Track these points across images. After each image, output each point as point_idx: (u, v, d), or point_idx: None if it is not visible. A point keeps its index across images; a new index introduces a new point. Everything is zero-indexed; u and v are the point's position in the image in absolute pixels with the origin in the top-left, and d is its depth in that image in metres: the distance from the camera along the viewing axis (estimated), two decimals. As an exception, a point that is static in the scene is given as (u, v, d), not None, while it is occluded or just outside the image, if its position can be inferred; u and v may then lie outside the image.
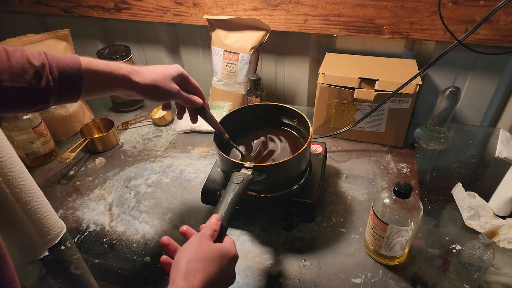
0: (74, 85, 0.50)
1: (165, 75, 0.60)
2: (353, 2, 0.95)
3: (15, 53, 0.45)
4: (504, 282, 0.66)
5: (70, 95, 0.51)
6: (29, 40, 0.97)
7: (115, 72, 0.55)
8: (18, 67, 0.45)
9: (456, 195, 0.81)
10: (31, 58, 0.46)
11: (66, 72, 0.49)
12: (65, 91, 0.49)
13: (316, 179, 0.77)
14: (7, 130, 0.92)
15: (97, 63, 0.53)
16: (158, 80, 0.59)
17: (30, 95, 0.47)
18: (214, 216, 0.54)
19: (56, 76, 0.48)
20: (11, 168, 0.65)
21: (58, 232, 0.77)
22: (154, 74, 0.59)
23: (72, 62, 0.50)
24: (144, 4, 1.14)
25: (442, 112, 0.93)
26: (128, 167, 0.98)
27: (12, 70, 0.44)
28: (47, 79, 0.47)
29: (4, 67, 0.44)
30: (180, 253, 0.48)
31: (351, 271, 0.68)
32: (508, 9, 0.85)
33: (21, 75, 0.45)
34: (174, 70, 0.62)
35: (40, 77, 0.46)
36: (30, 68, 0.45)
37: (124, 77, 0.56)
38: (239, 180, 0.62)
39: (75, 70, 0.49)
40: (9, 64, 0.44)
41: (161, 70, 0.61)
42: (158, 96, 0.61)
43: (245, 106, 0.83)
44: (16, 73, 0.44)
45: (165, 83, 0.60)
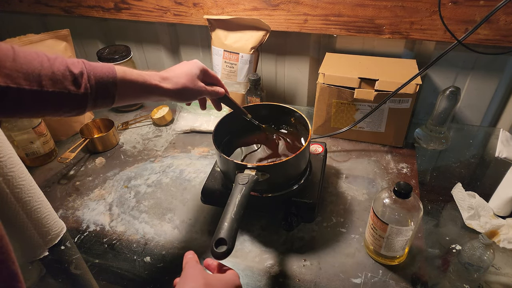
0: (109, 92, 0.53)
1: (192, 75, 0.64)
2: (353, 2, 0.95)
3: (56, 60, 0.48)
4: (504, 282, 0.66)
5: (105, 102, 0.54)
6: (29, 40, 0.97)
7: (147, 81, 0.58)
8: (59, 74, 0.47)
9: (456, 195, 0.81)
10: (71, 66, 0.49)
11: (102, 80, 0.51)
12: (100, 98, 0.52)
13: (316, 179, 0.77)
14: (7, 130, 0.92)
15: (131, 73, 0.56)
16: (187, 83, 0.63)
17: (69, 101, 0.49)
18: (189, 252, 0.56)
19: (93, 83, 0.50)
20: (11, 168, 0.65)
21: (58, 232, 0.77)
22: (182, 77, 0.62)
23: (108, 71, 0.52)
24: (144, 4, 1.14)
25: (442, 112, 0.93)
26: (128, 167, 0.98)
27: (53, 77, 0.47)
28: (85, 86, 0.49)
29: (47, 73, 0.46)
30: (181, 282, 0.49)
31: (351, 271, 0.68)
32: (508, 9, 0.85)
33: (61, 81, 0.47)
34: (197, 68, 0.65)
35: (79, 84, 0.49)
36: (70, 75, 0.48)
37: (156, 86, 0.59)
38: (245, 181, 0.62)
39: (110, 79, 0.52)
40: (51, 70, 0.47)
41: (186, 71, 0.63)
42: (189, 98, 0.65)
43: (245, 106, 0.83)
44: (57, 79, 0.47)
45: (193, 83, 0.64)
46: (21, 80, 0.44)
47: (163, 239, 0.77)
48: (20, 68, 0.44)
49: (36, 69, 0.45)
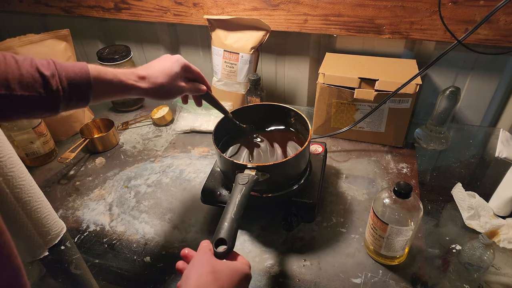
0: (82, 93, 0.52)
1: (171, 74, 0.61)
2: (353, 2, 0.95)
3: (24, 62, 0.46)
4: (504, 282, 0.66)
5: (79, 103, 0.52)
6: (29, 40, 0.97)
7: (123, 81, 0.57)
8: (28, 77, 0.46)
9: (456, 195, 0.81)
10: (41, 68, 0.47)
11: (75, 81, 0.50)
12: (74, 99, 0.51)
13: (316, 179, 0.77)
14: (7, 130, 0.92)
15: (105, 73, 0.54)
16: (165, 82, 0.61)
17: (40, 103, 0.48)
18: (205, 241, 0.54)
19: (65, 85, 0.49)
20: (11, 168, 0.65)
21: (58, 232, 0.77)
22: (160, 75, 0.60)
23: (81, 71, 0.51)
24: (144, 4, 1.14)
25: (442, 112, 0.93)
26: (128, 167, 0.98)
27: (22, 80, 0.45)
28: (57, 88, 0.48)
29: (14, 76, 0.45)
30: (188, 269, 0.48)
31: (351, 271, 0.68)
32: (508, 9, 0.84)
33: (31, 84, 0.46)
34: (178, 65, 0.63)
35: (50, 86, 0.47)
36: (40, 77, 0.47)
37: (132, 86, 0.58)
38: (245, 181, 0.62)
39: (83, 80, 0.51)
40: (19, 73, 0.45)
41: (165, 69, 0.61)
42: (167, 96, 0.63)
43: (245, 106, 0.83)
44: (26, 83, 0.45)
45: (171, 83, 0.62)
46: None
47: (163, 239, 0.77)
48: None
49: (3, 72, 0.44)
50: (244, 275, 0.49)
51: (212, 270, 0.46)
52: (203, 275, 0.45)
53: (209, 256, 0.49)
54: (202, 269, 0.46)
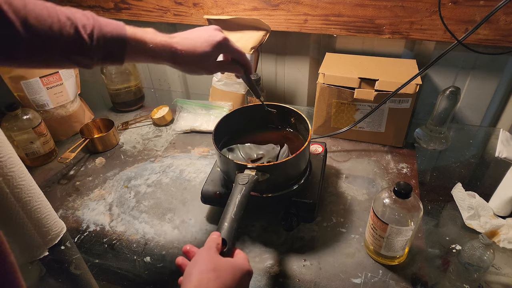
0: (117, 51, 0.53)
1: (211, 43, 0.60)
2: (353, 2, 0.95)
3: (65, 10, 0.49)
4: (504, 282, 0.66)
5: (113, 60, 0.54)
6: (29, 40, 0.97)
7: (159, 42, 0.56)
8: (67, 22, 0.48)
9: (456, 195, 0.81)
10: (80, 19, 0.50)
11: (112, 39, 0.52)
12: (108, 55, 0.53)
13: (316, 179, 0.77)
14: (7, 130, 0.92)
15: (142, 34, 0.55)
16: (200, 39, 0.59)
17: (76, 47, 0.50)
18: (215, 233, 0.54)
19: (102, 43, 0.51)
20: (11, 168, 0.65)
21: (58, 232, 0.77)
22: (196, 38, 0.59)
23: (117, 29, 0.53)
24: (144, 4, 1.14)
25: (442, 112, 0.93)
26: (128, 167, 0.98)
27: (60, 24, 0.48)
28: (92, 42, 0.50)
29: (55, 21, 0.47)
30: (190, 266, 0.48)
31: (351, 271, 0.68)
32: (508, 9, 0.85)
33: (70, 27, 0.48)
34: (220, 36, 0.62)
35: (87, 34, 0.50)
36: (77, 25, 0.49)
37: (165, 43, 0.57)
38: (245, 181, 0.62)
39: (119, 39, 0.53)
40: (57, 18, 0.48)
41: (204, 37, 0.60)
42: (204, 67, 0.62)
43: (245, 106, 0.83)
44: (65, 25, 0.48)
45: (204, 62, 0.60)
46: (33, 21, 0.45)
47: (163, 239, 0.77)
48: (32, 12, 0.45)
49: (45, 14, 0.46)
50: (245, 271, 0.50)
51: (214, 267, 0.46)
52: (205, 273, 0.45)
53: (212, 253, 0.49)
54: (204, 266, 0.46)
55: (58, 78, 1.03)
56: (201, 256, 0.48)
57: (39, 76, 0.99)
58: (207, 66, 0.62)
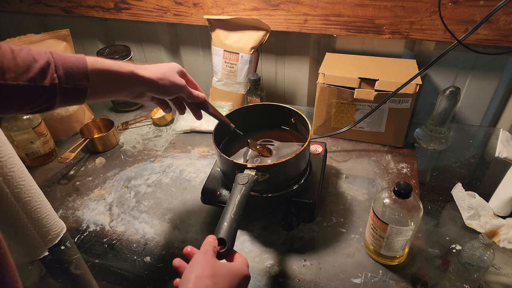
0: (80, 83, 0.49)
1: (171, 69, 0.61)
2: (353, 2, 0.95)
3: (20, 52, 0.45)
4: (504, 282, 0.66)
5: (76, 95, 0.50)
6: (29, 40, 0.97)
7: (123, 68, 0.54)
8: (23, 65, 0.44)
9: (456, 195, 0.81)
10: (36, 56, 0.46)
11: (72, 71, 0.48)
12: (71, 90, 0.49)
13: (316, 179, 0.77)
14: (7, 130, 0.92)
15: (103, 62, 0.52)
16: (167, 73, 0.59)
17: (35, 94, 0.46)
18: (211, 236, 0.53)
19: (61, 74, 0.47)
20: (11, 168, 0.65)
21: (58, 232, 0.77)
22: (161, 68, 0.60)
23: (78, 61, 0.49)
24: (144, 4, 1.14)
25: (442, 112, 0.93)
26: (128, 167, 0.98)
27: (17, 68, 0.44)
28: (52, 77, 0.46)
29: (10, 66, 0.43)
30: (188, 271, 0.47)
31: (351, 271, 0.68)
32: (508, 9, 0.84)
33: (26, 72, 0.44)
34: (176, 66, 0.63)
35: (45, 74, 0.46)
36: (36, 65, 0.45)
37: (131, 73, 0.55)
38: (244, 181, 0.62)
39: (80, 69, 0.49)
40: (14, 62, 0.44)
41: (165, 65, 0.61)
42: (168, 90, 0.60)
43: (245, 106, 0.83)
44: (21, 71, 0.44)
45: (173, 75, 0.60)
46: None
47: (163, 239, 0.77)
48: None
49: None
50: (243, 277, 0.49)
51: (212, 273, 0.46)
52: (202, 279, 0.45)
53: (210, 257, 0.49)
54: (202, 272, 0.46)
55: (58, 78, 1.03)
56: (198, 261, 0.48)
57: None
58: (177, 78, 0.61)
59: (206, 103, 0.69)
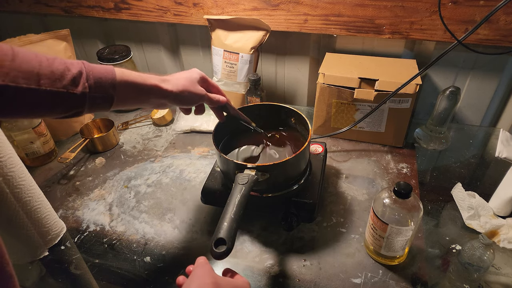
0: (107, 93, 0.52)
1: (191, 79, 0.63)
2: (353, 2, 0.95)
3: (55, 60, 0.48)
4: (504, 282, 0.66)
5: (103, 103, 0.53)
6: (29, 40, 0.97)
7: (147, 82, 0.57)
8: (57, 73, 0.47)
9: (456, 195, 0.81)
10: (70, 66, 0.48)
11: (101, 80, 0.51)
12: (99, 98, 0.51)
13: (316, 179, 0.77)
14: (7, 130, 0.92)
15: (129, 74, 0.55)
16: (187, 85, 0.62)
17: (66, 100, 0.48)
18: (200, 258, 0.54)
19: (92, 83, 0.50)
20: (11, 168, 0.65)
21: (58, 232, 0.77)
22: (182, 79, 0.62)
23: (107, 71, 0.52)
24: (144, 4, 1.14)
25: (442, 112, 0.93)
26: (128, 167, 0.98)
27: (52, 75, 0.46)
28: (84, 85, 0.49)
29: (45, 72, 0.46)
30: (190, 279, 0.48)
31: (351, 271, 0.68)
32: (508, 9, 0.84)
33: (60, 80, 0.47)
34: (197, 74, 0.65)
35: (77, 83, 0.48)
36: (69, 74, 0.48)
37: (155, 86, 0.58)
38: (244, 181, 0.62)
39: (109, 79, 0.52)
40: (49, 69, 0.46)
41: (186, 75, 0.63)
42: (189, 101, 0.64)
43: (245, 106, 0.83)
44: (55, 78, 0.47)
45: (193, 86, 0.63)
46: (20, 79, 0.43)
47: (163, 239, 0.77)
48: (18, 67, 0.43)
49: (35, 68, 0.45)
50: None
51: (214, 281, 0.47)
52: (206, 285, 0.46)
53: (209, 269, 0.50)
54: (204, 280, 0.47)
55: (58, 78, 1.03)
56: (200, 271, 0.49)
57: (39, 76, 0.99)
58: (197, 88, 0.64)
59: (227, 105, 0.71)
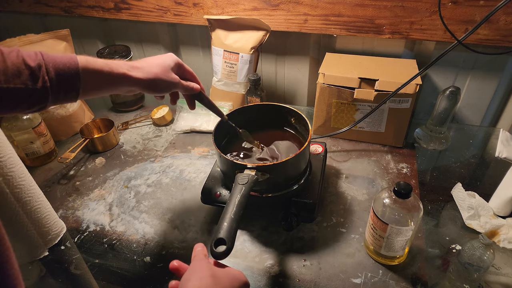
0: (71, 84, 0.50)
1: (164, 66, 0.60)
2: (353, 2, 0.95)
3: (10, 54, 0.45)
4: (504, 282, 0.66)
5: (68, 95, 0.50)
6: (29, 40, 0.97)
7: (114, 71, 0.54)
8: (13, 68, 0.44)
9: (456, 195, 0.81)
10: (27, 59, 0.46)
11: (63, 72, 0.48)
12: (62, 90, 0.49)
13: (316, 179, 0.77)
14: (7, 130, 0.92)
15: (95, 62, 0.52)
16: (159, 73, 0.59)
17: (27, 96, 0.46)
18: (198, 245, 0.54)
19: (52, 76, 0.47)
20: (11, 168, 0.65)
21: (58, 232, 0.77)
22: (154, 67, 0.59)
23: (69, 62, 0.49)
24: (144, 4, 1.14)
25: (442, 112, 0.93)
26: (128, 167, 0.98)
27: (7, 71, 0.44)
28: (43, 79, 0.46)
29: (0, 68, 0.43)
30: (188, 273, 0.48)
31: (351, 271, 0.68)
32: (508, 9, 0.84)
33: (17, 76, 0.44)
34: (171, 60, 0.62)
35: (36, 77, 0.46)
36: (26, 69, 0.45)
37: (124, 75, 0.55)
38: (244, 181, 0.62)
39: (72, 70, 0.49)
40: (4, 65, 0.44)
41: (159, 62, 0.60)
42: (161, 89, 0.61)
43: (245, 106, 0.83)
44: (12, 74, 0.44)
45: (166, 74, 0.60)
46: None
47: (163, 239, 0.77)
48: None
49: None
50: (243, 282, 0.50)
51: (212, 274, 0.47)
52: (204, 278, 0.46)
53: (207, 262, 0.50)
54: (202, 273, 0.47)
55: (58, 78, 1.03)
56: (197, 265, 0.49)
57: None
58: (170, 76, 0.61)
59: (201, 94, 0.69)
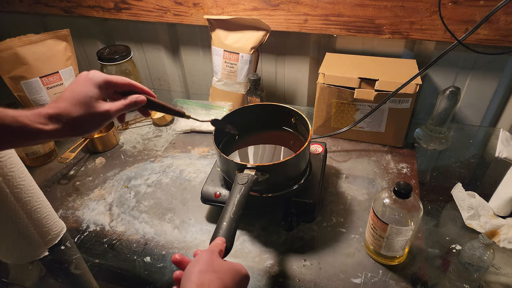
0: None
1: (85, 101, 0.49)
2: (353, 2, 0.95)
3: None
4: (504, 282, 0.66)
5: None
6: (29, 40, 0.97)
7: (28, 125, 0.47)
8: None
9: (456, 195, 0.81)
10: None
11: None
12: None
13: (316, 179, 0.77)
14: (7, 130, 0.92)
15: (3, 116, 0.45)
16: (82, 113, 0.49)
17: None
18: (219, 238, 0.54)
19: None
20: (11, 168, 0.65)
21: (58, 232, 0.77)
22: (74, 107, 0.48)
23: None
24: (144, 4, 1.14)
25: (442, 112, 0.93)
26: (128, 167, 0.98)
27: None
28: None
29: None
30: (191, 265, 0.48)
31: (351, 271, 0.68)
32: (508, 9, 0.84)
33: None
34: (91, 86, 0.50)
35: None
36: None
37: (38, 130, 0.47)
38: (244, 181, 0.62)
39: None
40: None
41: (78, 97, 0.49)
42: (88, 130, 0.51)
43: (245, 106, 0.83)
44: None
45: (89, 111, 0.49)
46: None
47: (163, 239, 0.77)
48: None
49: None
50: (244, 276, 0.50)
51: (215, 269, 0.47)
52: (207, 273, 0.46)
53: (214, 256, 0.49)
54: (206, 266, 0.47)
55: (58, 78, 1.03)
56: (203, 257, 0.49)
57: (39, 76, 0.99)
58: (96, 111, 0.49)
59: (150, 102, 0.57)
